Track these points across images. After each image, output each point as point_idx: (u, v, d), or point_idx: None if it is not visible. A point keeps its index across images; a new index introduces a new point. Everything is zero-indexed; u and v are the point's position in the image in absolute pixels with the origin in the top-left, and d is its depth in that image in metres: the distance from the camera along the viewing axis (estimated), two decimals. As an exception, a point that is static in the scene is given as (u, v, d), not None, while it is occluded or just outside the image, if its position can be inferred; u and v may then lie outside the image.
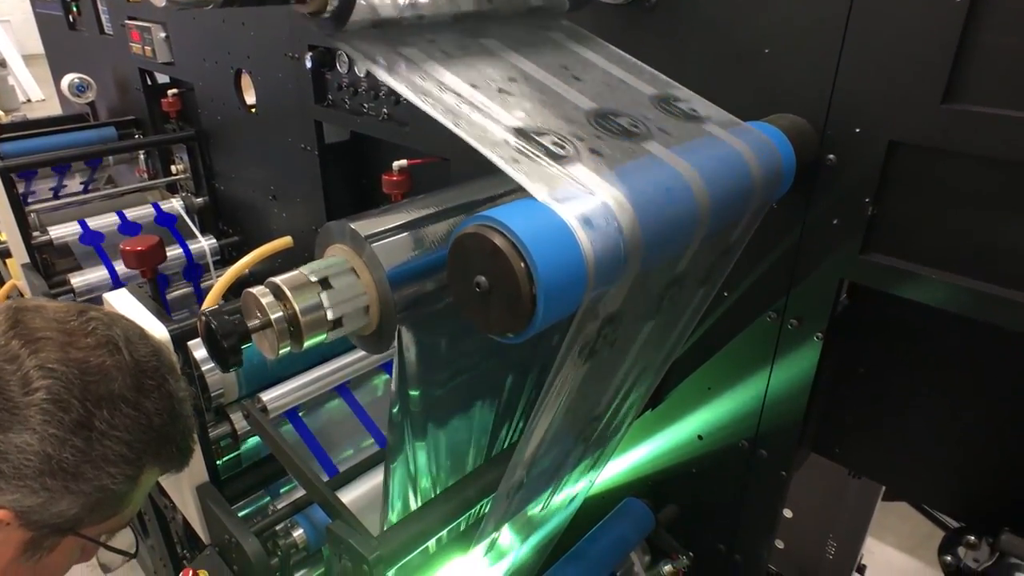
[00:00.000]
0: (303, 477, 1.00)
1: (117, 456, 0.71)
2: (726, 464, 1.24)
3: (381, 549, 0.86)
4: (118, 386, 0.71)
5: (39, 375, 0.67)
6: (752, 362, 1.14)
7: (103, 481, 0.70)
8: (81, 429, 0.68)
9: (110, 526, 0.78)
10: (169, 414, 0.76)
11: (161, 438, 0.75)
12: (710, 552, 1.34)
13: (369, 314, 0.87)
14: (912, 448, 1.14)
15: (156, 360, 0.76)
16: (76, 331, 0.72)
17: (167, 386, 0.77)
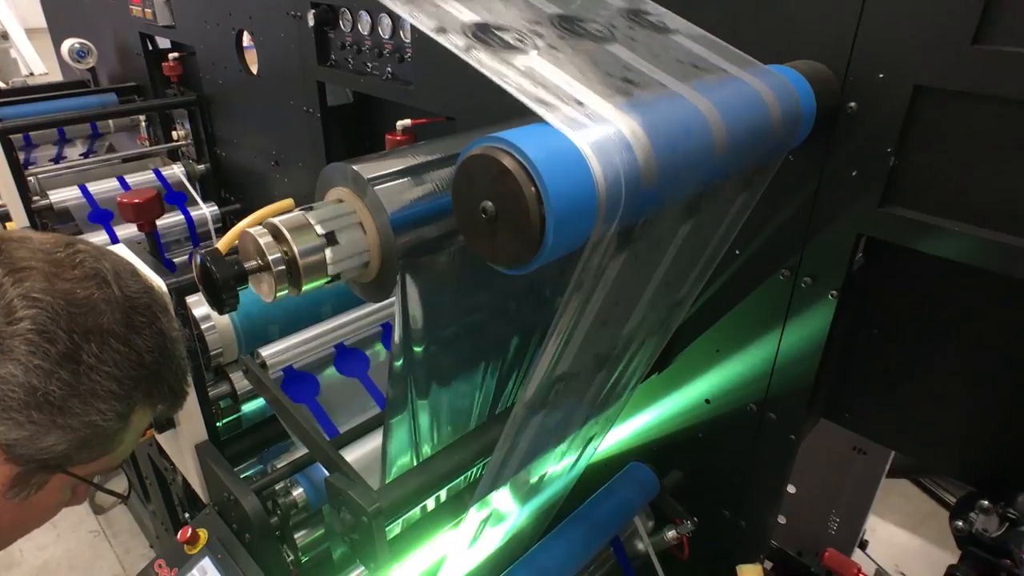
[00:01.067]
0: (300, 430, 0.98)
1: (106, 392, 0.68)
2: (734, 429, 1.22)
3: (381, 501, 0.84)
4: (107, 320, 0.69)
5: (23, 304, 0.65)
6: (763, 322, 1.11)
7: (92, 417, 0.68)
8: (68, 362, 0.66)
9: (100, 466, 0.76)
10: (161, 352, 0.74)
11: (152, 376, 0.73)
12: (715, 518, 1.32)
13: (370, 260, 0.84)
14: (925, 413, 1.11)
15: (147, 297, 0.74)
16: (63, 262, 0.69)
17: (159, 324, 0.74)
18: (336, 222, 0.82)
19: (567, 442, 1.12)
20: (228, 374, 1.39)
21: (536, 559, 1.11)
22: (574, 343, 0.73)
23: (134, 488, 2.57)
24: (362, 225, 0.83)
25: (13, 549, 2.71)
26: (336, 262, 0.82)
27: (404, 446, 1.17)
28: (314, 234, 0.79)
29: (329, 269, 0.82)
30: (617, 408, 1.17)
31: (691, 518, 1.32)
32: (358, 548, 0.88)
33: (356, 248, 0.83)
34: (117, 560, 2.65)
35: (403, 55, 1.59)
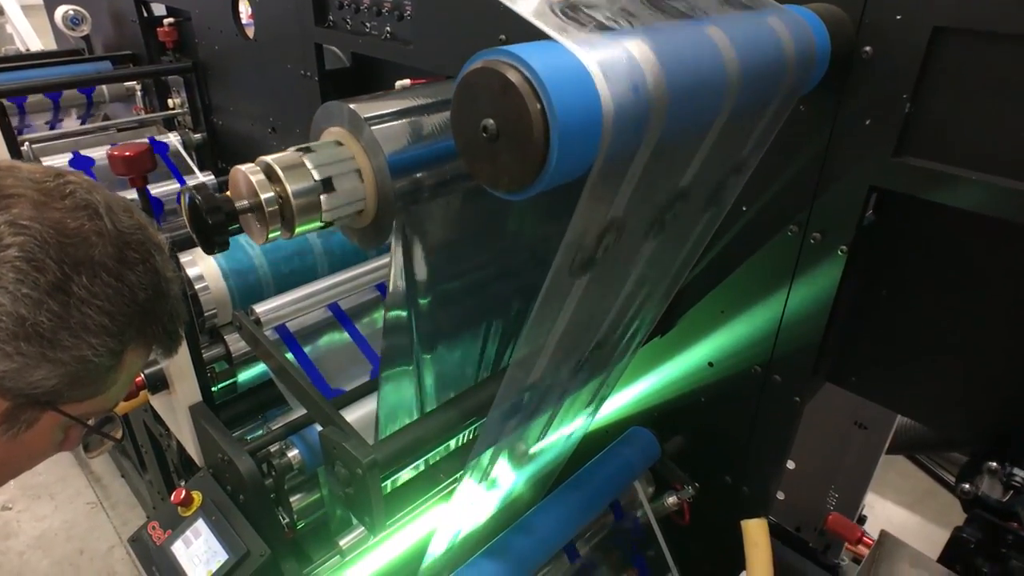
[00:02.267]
0: (293, 384, 0.96)
1: (97, 326, 0.66)
2: (737, 392, 1.20)
3: (376, 453, 0.82)
4: (98, 253, 0.66)
5: (11, 231, 0.62)
6: (770, 281, 1.09)
7: (83, 352, 0.66)
8: (57, 292, 0.63)
9: (93, 407, 0.73)
10: (154, 290, 0.71)
11: (145, 314, 0.70)
12: (716, 483, 1.30)
13: (366, 203, 0.81)
14: (933, 376, 1.09)
15: (141, 234, 0.71)
16: (53, 192, 0.67)
17: (152, 261, 0.71)
18: (333, 167, 0.79)
19: (565, 405, 1.10)
20: (223, 336, 1.37)
21: (533, 522, 1.10)
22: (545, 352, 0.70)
23: (130, 458, 2.56)
24: (359, 172, 0.81)
25: (11, 519, 2.71)
26: (331, 209, 0.79)
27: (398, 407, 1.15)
28: (309, 176, 0.77)
29: (324, 216, 0.79)
30: (618, 372, 1.15)
31: (692, 483, 1.30)
32: (353, 503, 0.86)
33: (353, 196, 0.80)
34: (114, 531, 2.65)
35: (402, 13, 1.55)
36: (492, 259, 1.11)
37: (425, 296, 1.01)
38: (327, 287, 1.31)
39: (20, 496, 2.83)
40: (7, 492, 2.84)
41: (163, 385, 1.33)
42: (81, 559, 2.54)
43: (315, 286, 1.30)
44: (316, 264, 1.46)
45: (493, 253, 1.10)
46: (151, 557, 1.23)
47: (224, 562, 1.17)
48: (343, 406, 1.27)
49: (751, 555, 0.84)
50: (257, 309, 1.22)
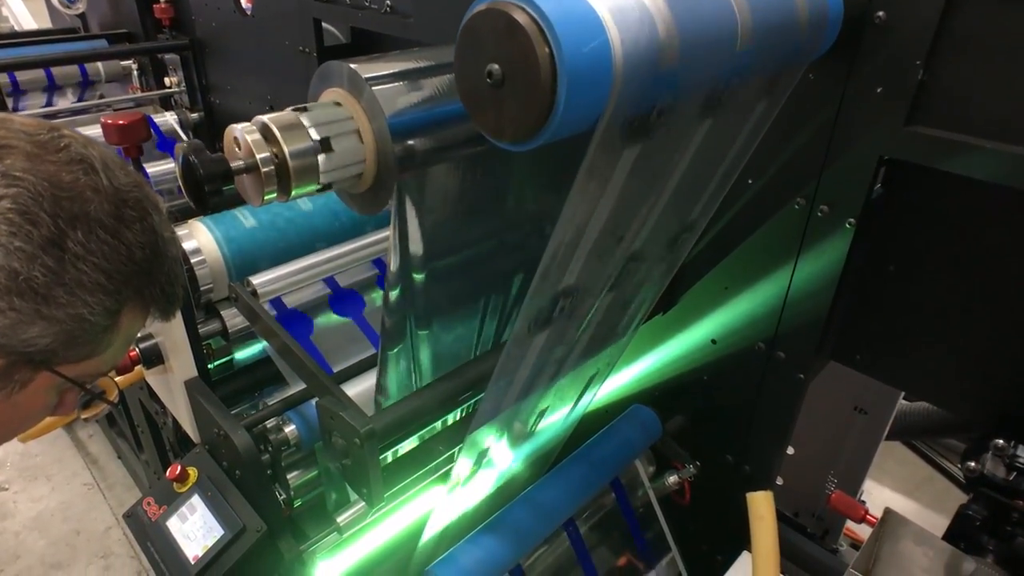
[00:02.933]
0: (289, 355, 0.94)
1: (93, 284, 0.64)
2: (740, 369, 1.18)
3: (374, 423, 0.80)
4: (94, 209, 0.64)
5: (2, 183, 0.60)
6: (775, 256, 1.07)
7: (78, 310, 0.64)
8: (52, 247, 0.61)
9: (88, 369, 0.71)
10: (152, 249, 0.69)
11: (143, 274, 0.68)
12: (718, 463, 1.29)
13: (365, 167, 0.79)
14: (940, 354, 1.08)
15: (138, 192, 0.69)
16: (47, 144, 0.64)
17: (150, 220, 0.69)
18: (332, 127, 0.77)
19: (567, 379, 1.09)
20: (219, 311, 1.35)
21: (534, 496, 1.08)
22: (582, 248, 0.69)
23: (127, 439, 2.55)
24: (359, 133, 0.78)
25: (7, 500, 2.70)
26: (329, 171, 0.77)
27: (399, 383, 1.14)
28: (307, 136, 0.75)
29: (321, 177, 0.77)
30: (619, 348, 1.13)
31: (693, 462, 1.29)
32: (351, 474, 0.85)
33: (352, 157, 0.78)
34: (111, 512, 2.64)
35: (401, -15, 1.52)
36: (493, 232, 1.09)
37: (424, 269, 0.99)
38: (325, 259, 1.28)
39: (16, 477, 2.81)
40: (3, 473, 2.83)
41: (158, 360, 1.31)
42: (78, 539, 2.54)
43: (313, 258, 1.28)
44: (316, 239, 1.44)
45: (495, 225, 1.08)
46: (146, 533, 1.21)
47: (220, 538, 1.15)
48: (341, 382, 1.25)
49: (756, 528, 0.82)
50: (254, 281, 1.20)
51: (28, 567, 2.43)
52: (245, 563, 1.13)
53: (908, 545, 1.00)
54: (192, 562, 1.14)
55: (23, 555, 2.48)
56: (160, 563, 1.17)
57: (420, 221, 0.92)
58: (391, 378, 1.09)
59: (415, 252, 0.96)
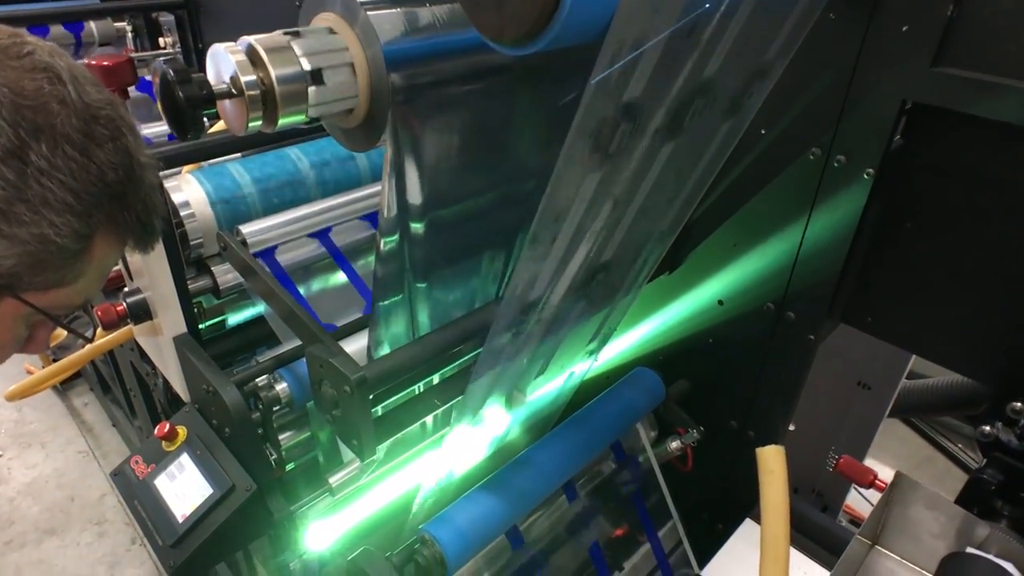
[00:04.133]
0: (279, 304, 0.90)
1: (60, 203, 0.59)
2: (748, 331, 1.15)
3: (365, 371, 0.76)
4: (60, 122, 0.59)
5: None
6: (788, 210, 1.03)
7: (43, 229, 0.59)
8: (12, 159, 0.57)
9: (59, 300, 0.67)
10: (126, 173, 0.64)
11: (116, 198, 0.64)
12: (721, 429, 1.26)
13: (358, 101, 0.75)
14: (955, 316, 1.03)
15: (111, 110, 0.64)
16: (7, 49, 0.60)
17: (124, 141, 0.64)
18: (325, 58, 0.72)
19: (566, 341, 1.05)
20: (210, 267, 1.31)
21: (532, 457, 1.05)
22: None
23: (120, 406, 2.52)
24: (352, 66, 0.74)
25: (1, 467, 2.68)
26: (318, 104, 0.72)
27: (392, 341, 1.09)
28: (296, 62, 0.70)
29: (310, 110, 0.72)
30: (621, 310, 1.09)
31: (697, 426, 1.25)
32: (341, 426, 0.81)
33: (344, 91, 0.73)
34: (105, 479, 2.61)
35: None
36: (493, 183, 1.04)
37: (419, 218, 0.95)
38: (318, 211, 1.24)
39: (10, 444, 2.79)
40: (-3, 440, 2.81)
41: (146, 315, 1.27)
42: (72, 506, 2.52)
43: (305, 209, 1.23)
44: (309, 196, 1.39)
45: (495, 176, 1.03)
46: (133, 491, 1.18)
47: (208, 496, 1.12)
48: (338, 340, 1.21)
49: (766, 483, 0.79)
50: (244, 230, 1.15)
51: (22, 532, 2.42)
52: (234, 522, 1.10)
53: (919, 510, 0.97)
54: (180, 520, 1.11)
55: (17, 521, 2.46)
56: (147, 521, 1.14)
57: (414, 164, 0.87)
58: (384, 335, 1.05)
59: (409, 198, 0.91)
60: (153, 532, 1.13)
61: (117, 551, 2.35)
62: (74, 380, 3.08)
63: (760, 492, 0.81)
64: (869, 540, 1.03)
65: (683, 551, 1.27)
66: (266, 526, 1.16)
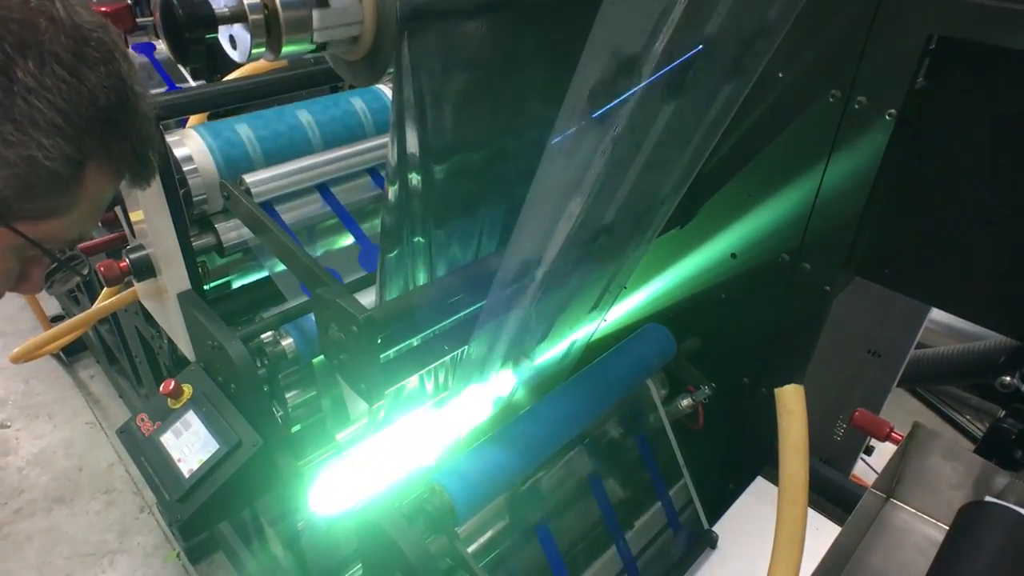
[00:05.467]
0: (283, 249, 0.88)
1: (48, 124, 0.57)
2: (762, 284, 1.12)
3: (373, 312, 0.74)
4: (49, 40, 0.57)
5: None
6: (805, 157, 1.00)
7: (31, 151, 0.57)
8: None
9: (51, 231, 0.65)
10: (119, 99, 0.62)
11: (108, 124, 0.61)
12: (733, 386, 1.24)
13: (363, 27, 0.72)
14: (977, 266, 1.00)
15: (103, 33, 0.61)
16: None
17: (116, 66, 0.62)
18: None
19: (572, 302, 1.03)
20: (214, 224, 1.28)
21: (542, 411, 1.03)
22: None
23: (127, 376, 2.52)
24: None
25: (9, 437, 2.69)
26: (323, 28, 0.69)
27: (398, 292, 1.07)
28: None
29: (315, 35, 0.70)
30: (629, 267, 1.06)
31: (708, 383, 1.23)
32: (348, 369, 0.79)
33: (348, 15, 0.71)
34: (113, 450, 2.62)
35: None
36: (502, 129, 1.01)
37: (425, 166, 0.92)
38: (323, 161, 1.21)
39: (18, 415, 2.80)
40: (5, 411, 2.82)
41: (149, 271, 1.25)
42: (80, 475, 2.53)
43: (311, 159, 1.21)
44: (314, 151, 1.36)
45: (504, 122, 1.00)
46: (139, 448, 1.17)
47: (215, 452, 1.12)
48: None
49: (785, 422, 0.77)
50: (247, 179, 1.13)
51: (32, 501, 2.43)
52: (240, 477, 1.10)
53: (936, 461, 0.95)
54: (186, 476, 1.11)
55: (27, 490, 2.48)
56: (154, 476, 1.13)
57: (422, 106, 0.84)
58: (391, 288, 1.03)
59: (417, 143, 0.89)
60: (160, 487, 1.12)
61: (126, 519, 2.36)
62: (80, 353, 3.09)
63: (779, 432, 0.80)
64: (884, 493, 1.01)
65: (694, 510, 1.26)
66: (273, 482, 1.15)
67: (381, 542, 0.87)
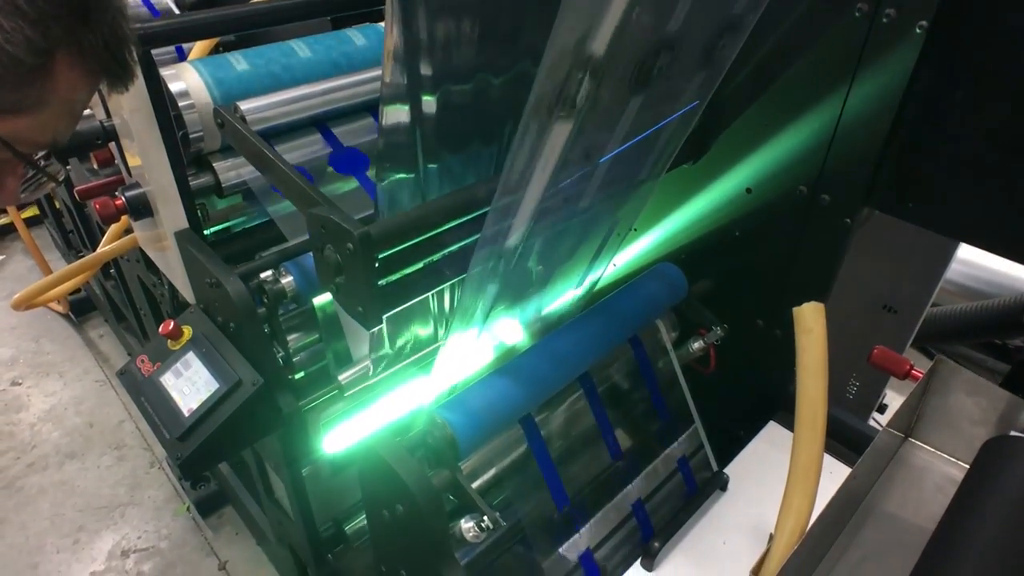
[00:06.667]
0: (278, 172, 0.84)
1: (10, 6, 0.54)
2: (778, 219, 1.07)
3: (369, 228, 0.71)
4: None
5: None
6: (827, 80, 0.94)
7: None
8: None
9: (20, 129, 0.61)
10: None
11: (76, 14, 0.58)
12: (746, 329, 1.20)
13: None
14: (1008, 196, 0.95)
15: None
16: None
17: None
18: None
19: (578, 246, 0.99)
20: (211, 163, 1.25)
21: (549, 345, 1.00)
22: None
23: (135, 334, 2.52)
24: None
25: (21, 394, 2.71)
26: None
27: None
28: None
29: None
30: (636, 207, 1.02)
31: (720, 324, 1.19)
32: (345, 292, 0.76)
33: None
34: (123, 407, 2.64)
35: None
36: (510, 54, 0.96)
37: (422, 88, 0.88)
38: (321, 91, 1.17)
39: (29, 373, 2.82)
40: (16, 369, 2.84)
41: (146, 210, 1.22)
42: (91, 431, 2.54)
43: (307, 88, 1.16)
44: (312, 91, 1.32)
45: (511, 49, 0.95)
46: (139, 388, 1.16)
47: (215, 391, 1.10)
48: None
49: (804, 342, 0.73)
50: (243, 106, 1.09)
51: (44, 456, 2.45)
52: (241, 416, 1.08)
53: (958, 398, 0.91)
54: (186, 414, 1.09)
55: (39, 445, 2.50)
56: (154, 416, 1.11)
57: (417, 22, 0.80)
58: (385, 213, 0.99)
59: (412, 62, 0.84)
60: (160, 427, 1.11)
61: (137, 473, 2.38)
62: (89, 313, 3.09)
63: (797, 352, 0.76)
64: (901, 432, 0.98)
65: (704, 455, 1.23)
66: (275, 423, 1.13)
67: (382, 474, 0.84)
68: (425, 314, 1.19)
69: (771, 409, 1.25)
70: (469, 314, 0.91)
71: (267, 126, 1.12)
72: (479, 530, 0.84)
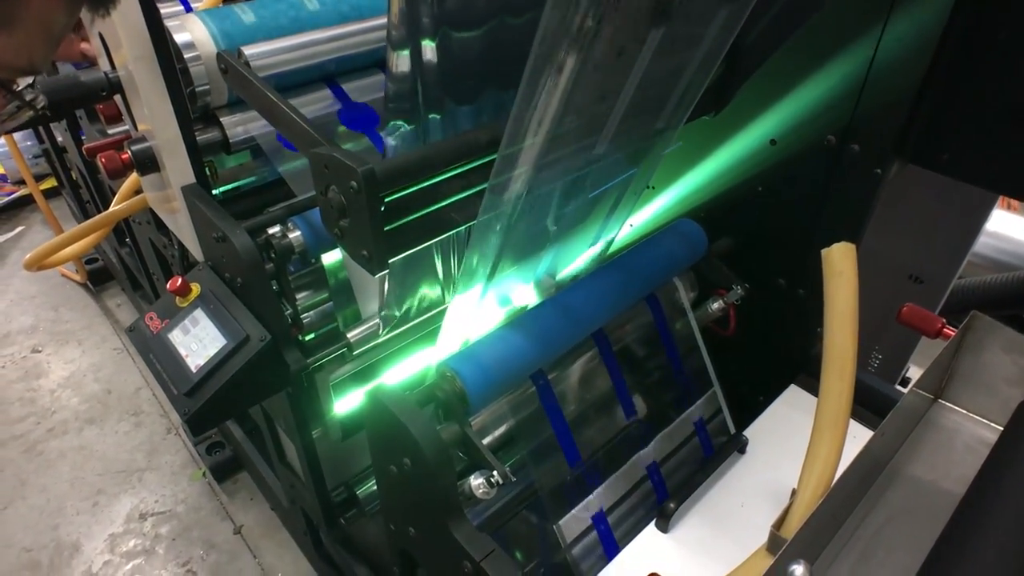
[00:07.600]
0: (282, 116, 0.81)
1: None
2: (804, 171, 1.03)
3: (373, 165, 0.67)
4: None
5: None
6: (858, 22, 0.89)
7: None
8: None
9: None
10: None
11: None
12: (768, 289, 1.16)
13: None
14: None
15: None
16: None
17: None
18: None
19: (590, 213, 0.94)
20: (219, 119, 1.22)
21: (563, 299, 0.97)
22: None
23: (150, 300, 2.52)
24: None
25: (41, 360, 2.74)
26: None
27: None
28: None
29: None
30: (653, 159, 0.97)
31: (741, 283, 1.15)
32: (349, 236, 0.73)
33: None
34: (140, 375, 2.66)
35: None
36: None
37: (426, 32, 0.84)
38: (328, 37, 1.13)
39: (49, 341, 2.85)
40: (36, 336, 2.87)
41: (153, 165, 1.20)
42: (109, 398, 2.57)
43: (314, 34, 1.13)
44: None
45: None
46: (148, 345, 1.15)
47: (222, 347, 1.08)
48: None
49: (833, 286, 0.69)
50: (247, 51, 1.06)
51: (63, 421, 2.48)
52: (248, 372, 1.06)
53: (994, 355, 0.87)
54: (194, 371, 1.08)
55: (58, 411, 2.53)
56: (162, 372, 1.10)
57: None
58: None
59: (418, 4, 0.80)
60: (168, 383, 1.10)
61: (154, 439, 2.40)
62: (107, 283, 3.11)
63: (825, 296, 0.72)
64: (931, 393, 0.94)
65: (722, 420, 1.20)
66: (283, 380, 1.12)
67: (389, 427, 0.82)
68: (433, 275, 1.17)
69: (792, 373, 1.21)
70: (478, 267, 0.88)
71: (273, 73, 1.09)
72: (488, 486, 0.82)
